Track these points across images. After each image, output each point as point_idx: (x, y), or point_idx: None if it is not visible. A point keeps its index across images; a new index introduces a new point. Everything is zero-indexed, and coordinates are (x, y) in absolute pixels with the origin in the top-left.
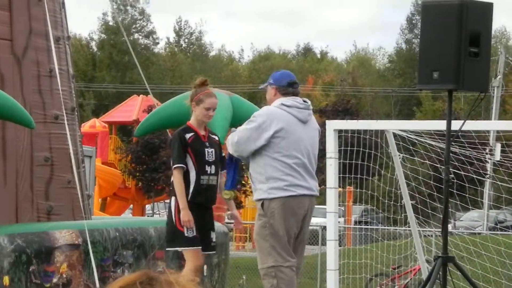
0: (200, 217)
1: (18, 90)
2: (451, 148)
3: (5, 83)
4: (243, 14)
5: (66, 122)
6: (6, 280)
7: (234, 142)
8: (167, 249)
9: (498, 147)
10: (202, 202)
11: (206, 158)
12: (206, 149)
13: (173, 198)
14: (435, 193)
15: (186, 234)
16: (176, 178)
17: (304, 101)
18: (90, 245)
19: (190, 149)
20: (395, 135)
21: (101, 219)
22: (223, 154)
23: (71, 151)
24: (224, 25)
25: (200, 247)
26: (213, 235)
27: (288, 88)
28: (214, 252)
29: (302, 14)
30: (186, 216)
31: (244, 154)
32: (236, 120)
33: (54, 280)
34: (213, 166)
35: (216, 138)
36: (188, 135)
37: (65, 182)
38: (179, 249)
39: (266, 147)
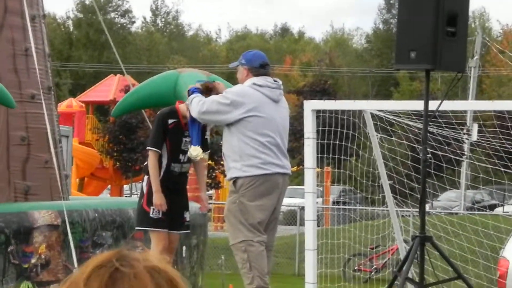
0: (171, 199)
1: None
2: (428, 128)
3: None
4: None
5: (43, 101)
6: None
7: (202, 111)
8: (136, 228)
9: (475, 127)
10: (172, 187)
11: (182, 147)
12: (184, 138)
13: (145, 177)
14: (413, 173)
15: (151, 215)
16: (151, 161)
17: (275, 81)
18: (69, 226)
19: (168, 136)
20: (373, 115)
21: (80, 200)
22: (206, 136)
23: (48, 130)
24: (201, 5)
25: (166, 230)
26: (187, 215)
27: (260, 69)
28: (188, 231)
29: None
30: (158, 199)
31: (208, 124)
32: None
33: (33, 260)
34: (187, 155)
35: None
36: (170, 121)
37: (42, 162)
38: (143, 229)
39: (239, 126)
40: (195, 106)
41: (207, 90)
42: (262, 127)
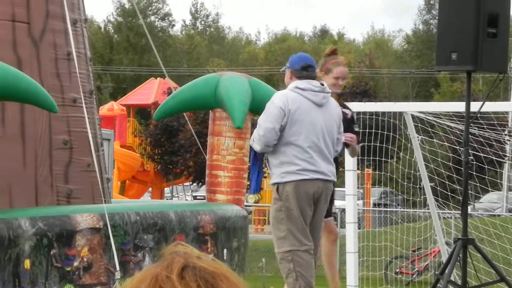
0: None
1: (35, 73)
2: (470, 129)
3: (23, 66)
4: None
5: (84, 105)
6: (27, 263)
7: (261, 135)
8: None
9: None
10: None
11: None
12: None
13: None
14: (454, 175)
15: None
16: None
17: (321, 84)
18: (111, 229)
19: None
20: (413, 117)
21: (121, 203)
22: (356, 129)
23: (89, 134)
24: (241, 7)
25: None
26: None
27: (302, 72)
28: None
29: None
30: None
31: (273, 143)
32: (255, 104)
33: (75, 263)
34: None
35: (347, 112)
36: None
37: (84, 165)
38: None
39: (282, 131)
40: (255, 140)
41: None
42: (303, 131)
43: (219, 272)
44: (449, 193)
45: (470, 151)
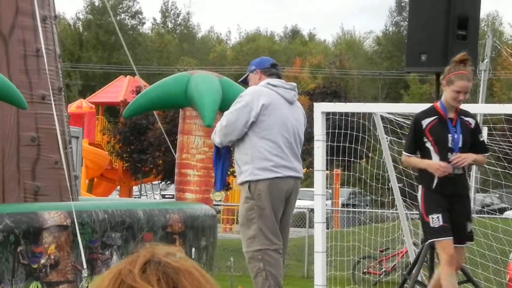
0: (451, 206)
1: (4, 70)
2: None
3: None
4: None
5: (53, 102)
6: None
7: (223, 126)
8: (428, 240)
9: (485, 131)
10: (450, 193)
11: (449, 145)
12: (449, 135)
13: (419, 187)
14: None
15: (431, 225)
16: (406, 163)
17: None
18: (78, 226)
19: (430, 135)
20: (382, 117)
21: (89, 200)
22: (482, 139)
23: (58, 131)
24: (212, 6)
25: (449, 238)
26: (470, 226)
27: (272, 69)
28: (471, 242)
29: None
30: (433, 166)
31: (234, 137)
32: (225, 103)
33: (42, 261)
34: (458, 154)
35: (470, 121)
36: (427, 120)
37: (52, 162)
38: (432, 241)
39: (253, 126)
40: (218, 127)
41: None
42: (276, 126)
43: (183, 268)
44: (417, 194)
45: None
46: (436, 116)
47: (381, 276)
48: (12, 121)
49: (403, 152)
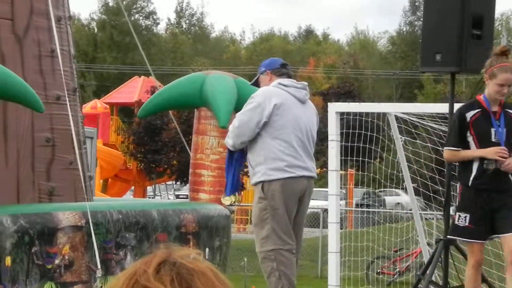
0: (490, 201)
1: (19, 70)
2: None
3: (6, 63)
4: None
5: (67, 102)
6: (8, 260)
7: (235, 127)
8: (448, 236)
9: None
10: (487, 189)
11: (492, 140)
12: (492, 129)
13: (458, 185)
14: (437, 176)
15: (456, 222)
16: (452, 158)
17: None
18: (93, 227)
19: (472, 129)
20: (397, 117)
21: (104, 201)
22: None
23: (72, 132)
24: (225, 7)
25: (475, 241)
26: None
27: (282, 69)
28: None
29: None
30: (490, 151)
31: (246, 138)
32: (240, 103)
33: (56, 261)
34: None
35: None
36: (471, 113)
37: (66, 163)
38: (453, 238)
39: (265, 127)
40: (229, 133)
41: None
42: (289, 126)
43: (198, 269)
44: (431, 194)
45: None
46: (479, 109)
47: (395, 276)
48: (27, 121)
49: (445, 148)
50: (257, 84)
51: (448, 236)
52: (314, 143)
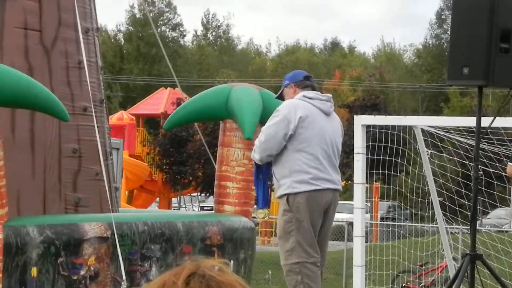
0: None
1: (46, 81)
2: (480, 144)
3: (34, 74)
4: (269, 7)
5: (94, 114)
6: (34, 271)
7: (262, 141)
8: None
9: None
10: None
11: None
12: None
13: None
14: (463, 190)
15: None
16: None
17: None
18: (118, 238)
19: None
20: (423, 131)
21: (129, 212)
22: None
23: (99, 143)
24: (251, 19)
25: None
26: None
27: (306, 81)
28: None
29: (330, 7)
30: None
31: (274, 152)
32: (266, 116)
33: (82, 272)
34: None
35: None
36: None
37: (93, 174)
38: None
39: (291, 139)
40: (256, 148)
41: None
42: (314, 138)
43: (227, 282)
44: (457, 208)
45: (479, 166)
46: None
47: None
48: (54, 132)
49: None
50: (281, 97)
51: None
52: (339, 155)
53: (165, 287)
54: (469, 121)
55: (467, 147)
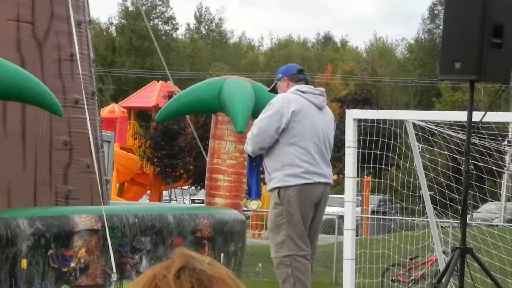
0: None
1: (38, 74)
2: (471, 139)
3: (26, 66)
4: (262, 1)
5: (86, 106)
6: (24, 263)
7: (254, 135)
8: None
9: None
10: None
11: None
12: None
13: None
14: (453, 184)
15: None
16: None
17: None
18: (109, 230)
19: None
20: (414, 125)
21: (120, 205)
22: None
23: (90, 135)
24: (244, 13)
25: None
26: None
27: (299, 75)
28: None
29: (323, 2)
30: None
31: (266, 145)
32: (258, 109)
33: (72, 264)
34: None
35: None
36: None
37: (84, 166)
38: None
39: (283, 133)
40: (249, 136)
41: None
42: (307, 132)
43: (218, 276)
44: (447, 202)
45: (470, 160)
46: None
47: (410, 284)
48: (45, 125)
49: None
50: (274, 90)
51: None
52: (331, 149)
53: (155, 280)
54: (461, 116)
55: (458, 141)
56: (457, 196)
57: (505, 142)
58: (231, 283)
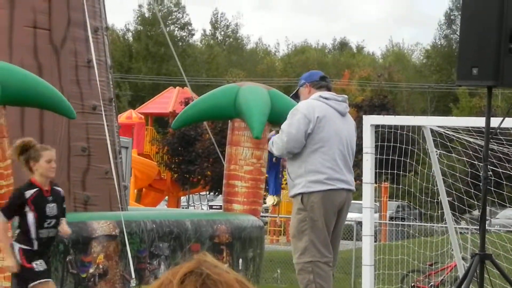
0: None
1: (56, 80)
2: (489, 145)
3: (44, 73)
4: (278, 7)
5: (103, 112)
6: None
7: (285, 141)
8: None
9: None
10: None
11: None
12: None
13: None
14: (472, 190)
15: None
16: None
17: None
18: (127, 236)
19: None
20: (432, 131)
21: (138, 210)
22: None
23: (108, 141)
24: (260, 18)
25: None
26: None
27: (321, 82)
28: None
29: (338, 7)
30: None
31: (296, 150)
32: (274, 115)
33: (91, 270)
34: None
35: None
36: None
37: (102, 172)
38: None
39: (308, 139)
40: (278, 142)
41: None
42: (330, 138)
43: (224, 280)
44: (466, 208)
45: (488, 166)
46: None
47: None
48: (63, 131)
49: None
50: (296, 96)
51: None
52: (354, 155)
53: (162, 285)
54: (479, 122)
55: (476, 147)
56: (476, 202)
57: None
58: (238, 287)
